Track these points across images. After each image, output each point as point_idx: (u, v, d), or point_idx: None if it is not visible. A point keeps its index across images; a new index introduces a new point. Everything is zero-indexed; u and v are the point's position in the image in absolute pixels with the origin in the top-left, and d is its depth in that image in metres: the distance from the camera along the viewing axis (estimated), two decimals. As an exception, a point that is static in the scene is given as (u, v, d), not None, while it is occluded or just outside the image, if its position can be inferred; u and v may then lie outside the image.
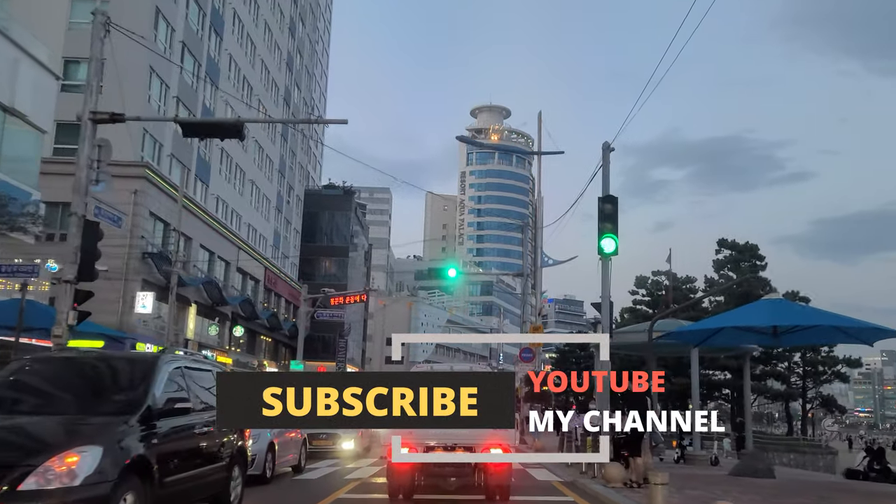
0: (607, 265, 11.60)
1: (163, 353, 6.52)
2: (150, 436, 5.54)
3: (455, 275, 23.05)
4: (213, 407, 7.11)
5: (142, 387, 5.79)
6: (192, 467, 6.25)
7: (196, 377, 6.83)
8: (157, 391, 5.84)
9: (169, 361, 6.28)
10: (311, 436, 15.79)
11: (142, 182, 30.72)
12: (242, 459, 7.61)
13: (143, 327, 31.23)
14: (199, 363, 7.17)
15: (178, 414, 5.99)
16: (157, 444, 5.59)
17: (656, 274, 40.72)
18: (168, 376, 6.13)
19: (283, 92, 55.42)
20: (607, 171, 11.84)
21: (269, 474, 10.44)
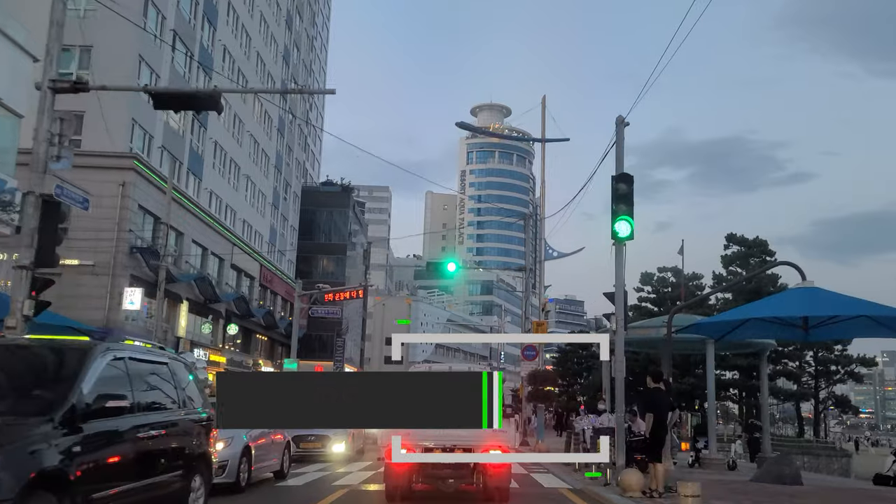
0: (622, 251, 10.51)
1: (100, 342, 5.42)
2: (72, 442, 4.47)
3: (455, 269, 21.99)
4: (165, 406, 6.05)
5: (67, 381, 4.71)
6: (134, 478, 5.18)
7: (144, 371, 5.75)
8: (85, 387, 4.76)
9: (106, 351, 5.20)
10: (298, 438, 14.75)
11: (130, 174, 29.65)
12: (205, 466, 6.53)
13: (132, 325, 30.13)
14: (150, 354, 6.07)
15: (114, 414, 4.92)
16: (82, 452, 4.52)
17: (662, 270, 39.61)
18: (104, 369, 5.06)
19: (280, 86, 54.32)
20: (621, 148, 10.74)
21: (243, 482, 9.35)
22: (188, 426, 6.23)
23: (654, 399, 9.27)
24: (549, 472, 13.87)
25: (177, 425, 5.99)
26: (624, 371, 10.52)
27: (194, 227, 36.27)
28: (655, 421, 9.11)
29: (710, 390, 15.59)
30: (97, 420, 4.75)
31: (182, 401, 6.22)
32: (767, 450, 16.59)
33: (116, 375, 5.20)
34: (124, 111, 30.06)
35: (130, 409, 5.18)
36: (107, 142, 29.36)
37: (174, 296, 34.37)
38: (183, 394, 6.28)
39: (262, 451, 10.26)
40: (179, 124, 35.83)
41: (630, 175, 10.35)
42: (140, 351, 5.86)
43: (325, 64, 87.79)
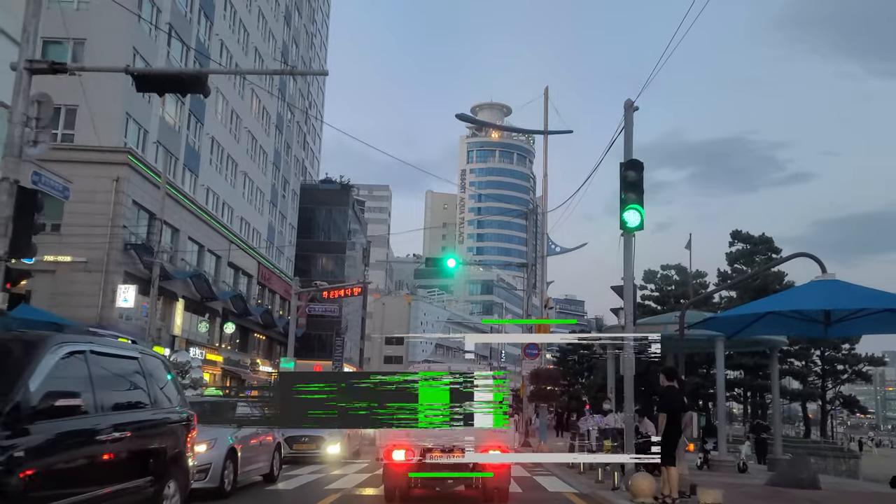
0: (630, 242, 9.93)
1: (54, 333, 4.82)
2: (16, 445, 3.89)
3: (455, 265, 21.41)
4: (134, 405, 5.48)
5: (11, 378, 4.12)
6: (94, 486, 4.61)
7: (110, 367, 5.17)
8: (33, 383, 4.18)
9: (60, 344, 4.59)
10: (291, 439, 14.17)
11: (124, 169, 29.08)
12: (180, 471, 5.95)
13: (126, 323, 29.57)
14: (116, 348, 5.46)
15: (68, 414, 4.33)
16: (27, 457, 3.95)
17: (666, 268, 39.00)
18: (57, 364, 4.47)
19: (279, 82, 53.74)
20: (630, 134, 10.16)
21: (228, 486, 8.75)
22: (162, 427, 5.66)
23: (666, 398, 8.69)
24: (552, 475, 13.30)
25: (148, 426, 5.41)
26: (633, 369, 9.95)
27: (190, 223, 35.70)
28: (668, 421, 8.53)
29: (720, 389, 15.00)
30: (48, 421, 4.18)
31: (155, 399, 5.64)
32: (779, 451, 16.01)
33: (73, 371, 4.61)
34: (118, 105, 29.50)
35: (88, 409, 4.59)
36: (100, 136, 28.82)
37: (170, 293, 33.81)
38: (157, 392, 5.71)
39: (250, 453, 9.67)
40: (175, 119, 35.27)
41: (640, 162, 9.77)
42: (104, 344, 5.26)
43: (325, 62, 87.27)
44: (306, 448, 14.47)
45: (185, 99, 35.95)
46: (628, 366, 9.80)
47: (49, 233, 28.93)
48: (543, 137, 19.50)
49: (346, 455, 15.12)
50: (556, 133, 19.92)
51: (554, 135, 19.77)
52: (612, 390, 16.71)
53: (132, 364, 5.49)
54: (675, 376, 8.90)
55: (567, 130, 20.04)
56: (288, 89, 56.94)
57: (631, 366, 9.86)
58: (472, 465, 8.60)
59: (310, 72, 40.17)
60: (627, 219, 9.57)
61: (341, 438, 14.86)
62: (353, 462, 15.11)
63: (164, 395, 5.97)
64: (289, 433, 14.31)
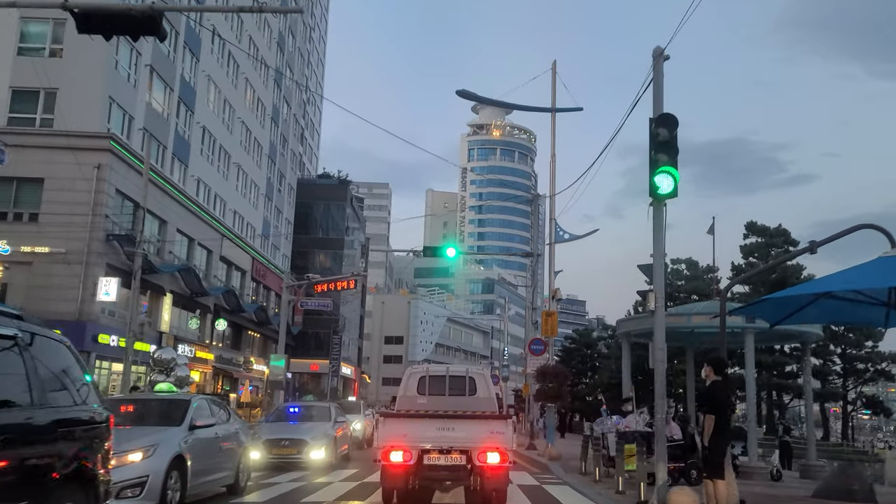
0: (661, 212, 8.41)
1: None
2: None
3: (455, 254, 19.95)
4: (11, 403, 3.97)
5: None
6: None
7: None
8: None
9: None
10: (269, 443, 12.64)
11: (106, 155, 27.59)
12: (83, 490, 4.42)
13: (108, 317, 28.07)
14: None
15: None
16: None
17: (675, 262, 37.42)
18: None
19: (274, 73, 52.24)
20: (660, 85, 8.64)
21: (173, 503, 7.25)
22: (54, 434, 4.15)
23: (714, 396, 7.16)
24: (564, 484, 11.80)
25: (25, 433, 3.90)
26: (665, 360, 8.42)
27: (179, 215, 34.21)
28: (717, 425, 7.00)
29: (750, 388, 13.52)
30: None
31: (42, 397, 4.11)
32: (812, 456, 14.48)
33: None
34: (99, 88, 28.00)
35: None
36: (81, 121, 27.34)
37: (156, 288, 32.32)
38: (45, 385, 4.18)
39: (207, 461, 8.10)
40: (163, 106, 33.76)
41: (672, 116, 8.24)
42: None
43: (324, 57, 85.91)
44: (286, 452, 12.82)
45: (174, 85, 34.50)
46: (660, 358, 8.27)
47: (26, 222, 27.52)
48: (551, 116, 17.96)
49: (333, 460, 13.51)
50: (564, 111, 18.43)
51: (563, 112, 18.24)
52: (632, 389, 15.23)
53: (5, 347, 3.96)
54: (724, 370, 7.40)
55: (577, 108, 18.55)
56: (284, 81, 55.43)
57: (663, 358, 8.34)
58: (469, 467, 8.50)
59: (281, 9, 38.58)
60: (659, 183, 8.04)
61: (326, 442, 13.25)
62: (342, 468, 13.57)
63: (67, 390, 4.47)
64: (267, 436, 12.80)
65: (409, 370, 10.72)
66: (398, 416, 9.06)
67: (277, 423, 14.00)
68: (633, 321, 17.04)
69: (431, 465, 8.45)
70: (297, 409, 15.09)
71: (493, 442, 8.40)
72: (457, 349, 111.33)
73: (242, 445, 9.26)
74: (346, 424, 14.88)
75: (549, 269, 17.60)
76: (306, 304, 32.64)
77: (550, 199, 17.90)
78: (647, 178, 8.15)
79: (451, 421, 8.71)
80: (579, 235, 17.72)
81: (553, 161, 18.08)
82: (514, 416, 11.62)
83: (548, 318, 17.33)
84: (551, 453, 15.62)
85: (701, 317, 14.42)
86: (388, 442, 8.42)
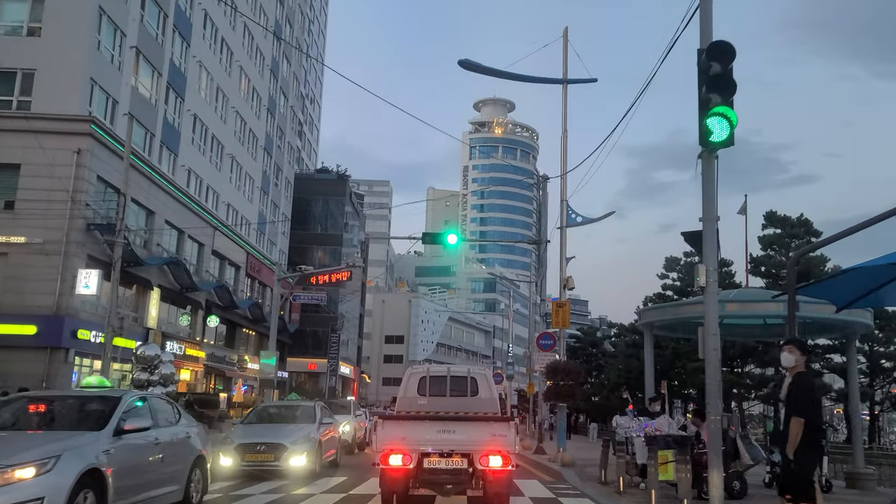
0: (713, 163, 6.87)
1: None
2: None
3: (456, 241, 18.38)
4: None
5: None
6: None
7: None
8: None
9: None
10: (242, 448, 11.01)
11: (87, 140, 26.01)
12: None
13: (88, 312, 26.48)
14: None
15: None
16: None
17: (689, 255, 35.75)
18: None
19: (270, 62, 50.67)
20: (708, 10, 7.05)
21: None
22: None
23: (803, 393, 5.51)
24: (583, 496, 10.21)
25: None
26: (719, 348, 6.81)
27: (168, 205, 32.63)
28: (808, 427, 5.37)
29: (853, 392, 11.85)
30: None
31: None
32: (860, 463, 12.86)
33: None
34: (80, 69, 26.42)
35: None
36: (60, 103, 25.79)
37: (143, 281, 30.77)
38: None
39: (141, 475, 6.41)
40: (151, 91, 32.19)
41: (728, 45, 6.65)
42: None
43: (323, 50, 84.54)
44: (262, 459, 11.03)
45: (163, 70, 32.93)
46: (712, 345, 6.66)
47: (1, 210, 25.96)
48: (562, 88, 16.35)
49: (316, 467, 11.72)
50: (576, 82, 16.81)
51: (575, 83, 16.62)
52: (662, 386, 13.67)
53: None
54: (808, 355, 5.80)
55: (590, 79, 16.93)
56: (280, 70, 53.86)
57: (716, 345, 6.73)
58: (471, 471, 8.25)
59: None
60: (711, 127, 6.48)
61: (309, 446, 11.44)
62: (328, 476, 11.96)
63: None
64: (240, 439, 11.14)
65: (409, 370, 10.50)
66: (397, 417, 8.88)
67: (253, 426, 12.31)
68: (656, 310, 15.35)
69: (432, 468, 8.19)
70: (276, 409, 13.44)
71: (496, 445, 8.12)
72: (458, 349, 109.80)
73: (196, 453, 7.57)
74: (333, 426, 13.23)
75: (560, 255, 15.97)
76: (299, 298, 31.03)
77: (561, 179, 16.29)
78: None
79: (452, 423, 8.44)
80: (593, 218, 16.13)
81: (564, 137, 16.48)
82: (517, 418, 10.78)
83: (559, 310, 15.71)
84: (564, 459, 13.99)
85: (736, 304, 12.83)
86: (387, 445, 8.15)
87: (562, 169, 16.17)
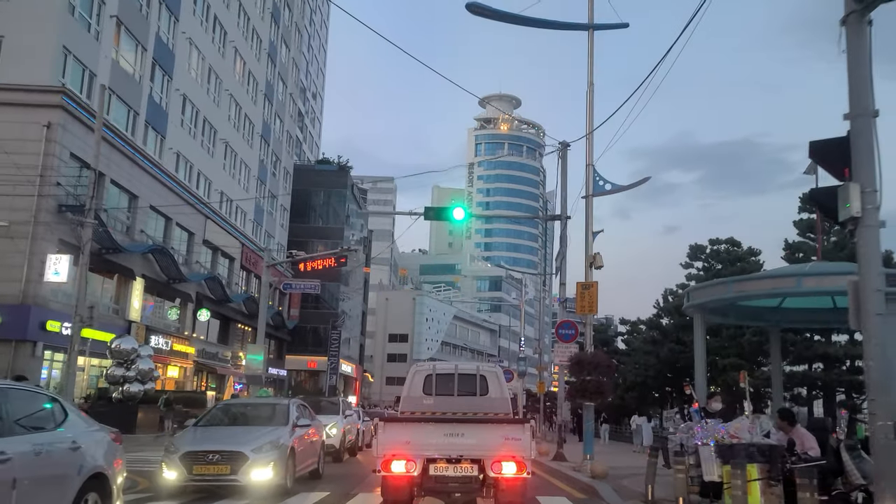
0: (864, 32, 4.53)
1: None
2: None
3: (463, 216, 16.08)
4: None
5: None
6: None
7: None
8: None
9: None
10: (191, 456, 8.60)
11: (58, 113, 23.77)
12: None
13: (58, 301, 24.19)
14: None
15: None
16: None
17: (714, 243, 33.25)
18: None
19: (268, 46, 48.39)
20: None
21: None
22: None
23: None
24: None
25: None
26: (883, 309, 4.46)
27: (153, 189, 30.39)
28: None
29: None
30: None
31: None
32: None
33: None
34: (51, 36, 24.17)
35: None
36: (26, 73, 23.54)
37: (125, 270, 28.52)
38: None
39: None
40: (134, 67, 29.93)
41: None
42: None
43: (325, 42, 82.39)
44: (215, 472, 8.53)
45: (148, 44, 30.67)
46: (874, 307, 4.31)
47: (-39, 189, 23.75)
48: (588, 35, 13.96)
49: (287, 482, 9.23)
50: (604, 27, 14.44)
51: (603, 29, 14.24)
52: (688, 388, 11.36)
53: None
54: None
55: (620, 24, 14.55)
56: (279, 55, 51.57)
57: (880, 308, 4.37)
58: (482, 479, 7.65)
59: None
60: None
61: (277, 455, 8.88)
62: (304, 492, 9.55)
63: None
64: (189, 447, 8.70)
65: (413, 367, 10.01)
66: (400, 419, 8.28)
67: (208, 429, 9.73)
68: (710, 289, 12.73)
69: (438, 475, 7.60)
70: (241, 407, 10.90)
71: (509, 450, 7.54)
72: (464, 347, 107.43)
73: (88, 471, 5.11)
74: (314, 430, 10.76)
75: (586, 229, 13.59)
76: (290, 287, 28.70)
77: (587, 140, 13.91)
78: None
79: (460, 425, 7.76)
80: (625, 186, 13.74)
81: (591, 90, 14.10)
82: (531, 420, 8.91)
83: (585, 292, 13.31)
84: (595, 469, 11.58)
85: (814, 279, 10.43)
86: (389, 449, 7.57)
87: (587, 127, 13.79)
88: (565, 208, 16.56)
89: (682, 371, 30.56)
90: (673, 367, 33.64)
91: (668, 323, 36.02)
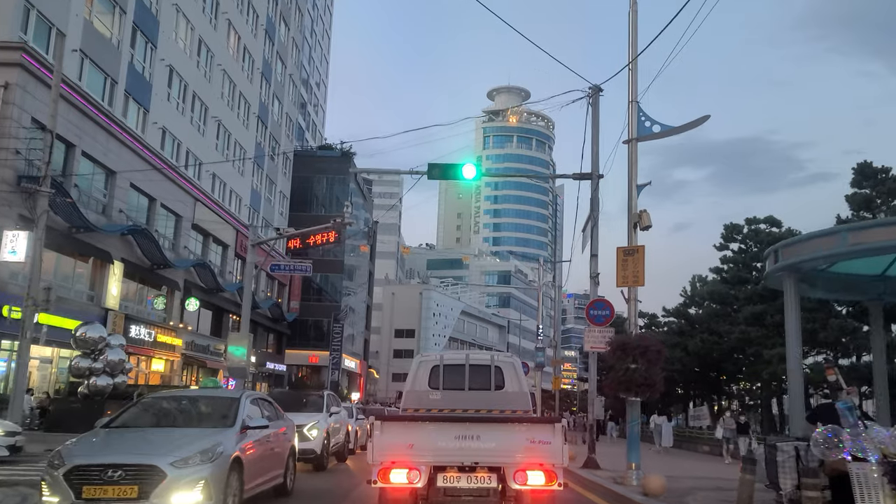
0: None
1: None
2: None
3: (475, 175, 13.37)
4: None
5: None
6: None
7: None
8: None
9: None
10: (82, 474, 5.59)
11: (17, 72, 21.15)
12: None
13: (20, 285, 21.52)
14: None
15: None
16: None
17: (751, 222, 30.26)
18: None
19: (265, 22, 45.70)
20: None
21: None
22: None
23: None
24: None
25: None
26: None
27: (133, 165, 27.69)
28: None
29: None
30: None
31: None
32: None
33: None
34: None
35: None
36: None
37: (101, 253, 25.91)
38: None
39: None
40: (112, 31, 27.30)
41: None
42: None
43: (330, 28, 79.84)
44: (115, 495, 5.75)
45: (127, 6, 28.03)
46: None
47: None
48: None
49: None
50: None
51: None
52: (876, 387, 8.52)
53: None
54: None
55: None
56: (277, 34, 48.89)
57: None
58: (502, 491, 6.37)
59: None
60: None
61: (213, 470, 6.17)
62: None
63: None
64: (80, 459, 5.60)
65: (418, 357, 9.14)
66: (402, 418, 6.91)
67: (117, 433, 6.84)
68: (811, 242, 9.33)
69: (448, 487, 6.35)
70: (172, 402, 7.86)
71: (536, 456, 6.21)
72: (472, 343, 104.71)
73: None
74: (281, 431, 7.92)
75: (629, 181, 10.81)
76: (278, 268, 26.04)
77: (630, 71, 11.12)
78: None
79: (475, 426, 6.36)
80: (677, 127, 10.97)
81: (633, 11, 11.30)
82: None
83: (628, 259, 10.52)
84: (649, 486, 8.79)
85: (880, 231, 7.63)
86: (388, 456, 6.17)
87: (630, 53, 11.00)
88: (597, 165, 13.77)
89: (713, 364, 27.84)
90: (703, 361, 30.78)
91: (697, 313, 33.19)
